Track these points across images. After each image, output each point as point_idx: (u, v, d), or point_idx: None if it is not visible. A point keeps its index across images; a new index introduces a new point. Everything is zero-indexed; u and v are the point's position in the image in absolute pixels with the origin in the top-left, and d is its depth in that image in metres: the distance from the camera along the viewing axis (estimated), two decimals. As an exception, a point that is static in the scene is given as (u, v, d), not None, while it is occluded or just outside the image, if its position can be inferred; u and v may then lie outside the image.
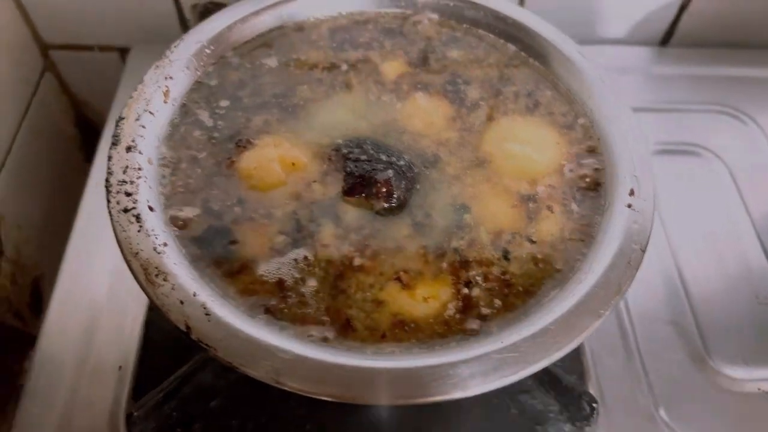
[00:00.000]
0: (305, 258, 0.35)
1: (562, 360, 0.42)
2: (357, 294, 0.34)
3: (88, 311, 0.49)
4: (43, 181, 0.70)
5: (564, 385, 0.43)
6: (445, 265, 0.35)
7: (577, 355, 0.46)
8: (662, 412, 0.44)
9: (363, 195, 0.36)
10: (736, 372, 0.46)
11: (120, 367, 0.46)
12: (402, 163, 0.38)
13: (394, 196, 0.36)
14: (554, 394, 0.42)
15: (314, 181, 0.38)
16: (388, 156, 0.38)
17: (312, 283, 0.34)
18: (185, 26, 0.67)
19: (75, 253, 0.53)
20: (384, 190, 0.36)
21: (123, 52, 0.70)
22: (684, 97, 0.64)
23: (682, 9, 0.68)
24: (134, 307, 0.49)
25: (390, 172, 0.37)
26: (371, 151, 0.38)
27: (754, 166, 0.58)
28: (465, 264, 0.35)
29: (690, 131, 0.62)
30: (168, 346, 0.46)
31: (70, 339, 0.48)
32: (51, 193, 0.71)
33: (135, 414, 0.41)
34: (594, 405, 0.42)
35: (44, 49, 0.69)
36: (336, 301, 0.33)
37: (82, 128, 0.79)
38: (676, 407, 0.45)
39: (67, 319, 0.49)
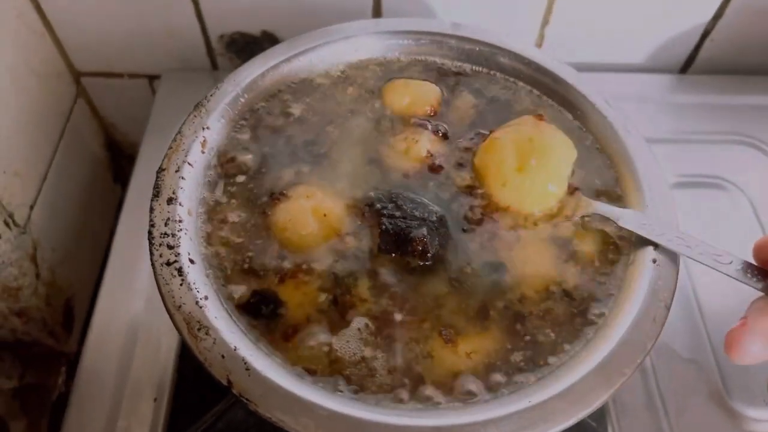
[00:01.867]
0: (366, 326, 0.36)
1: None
2: (407, 352, 0.35)
3: (124, 339, 0.51)
4: (74, 204, 0.72)
5: (583, 427, 0.44)
6: (483, 320, 0.36)
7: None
8: (682, 453, 0.45)
9: (399, 253, 0.38)
10: (757, 413, 0.47)
11: (155, 399, 0.48)
12: (434, 219, 0.39)
13: (429, 254, 0.38)
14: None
15: (347, 234, 0.39)
16: (421, 212, 0.39)
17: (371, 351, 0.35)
18: (212, 56, 0.69)
19: (111, 281, 0.55)
20: (420, 248, 0.37)
21: (151, 78, 0.72)
22: (704, 127, 0.65)
23: (705, 35, 0.68)
24: (169, 334, 0.51)
25: (424, 230, 0.38)
26: (404, 207, 0.39)
27: (774, 198, 0.59)
28: (500, 319, 0.36)
29: (710, 163, 0.62)
30: (201, 379, 0.48)
31: (107, 369, 0.49)
32: (82, 214, 0.74)
33: (172, 449, 0.43)
34: (614, 448, 0.43)
35: (77, 76, 0.72)
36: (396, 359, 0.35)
37: (110, 149, 0.81)
38: (696, 448, 0.46)
39: (105, 348, 0.51)
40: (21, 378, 0.68)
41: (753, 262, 0.34)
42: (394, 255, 0.38)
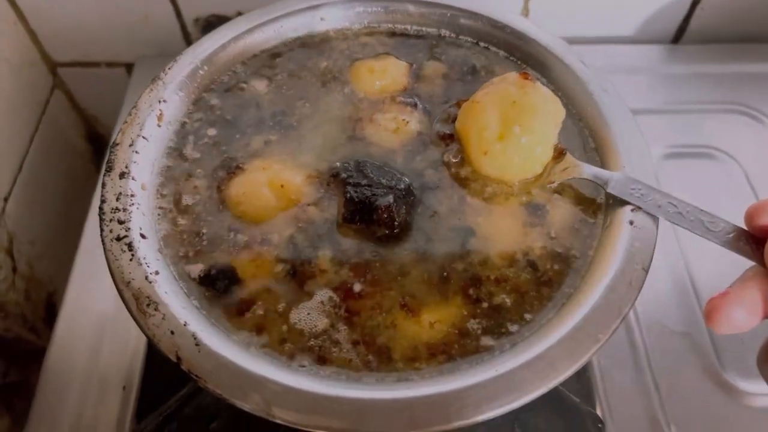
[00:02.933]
0: (330, 299, 0.34)
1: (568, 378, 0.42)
2: (368, 322, 0.33)
3: (93, 329, 0.50)
4: (54, 196, 0.71)
5: (569, 404, 0.42)
6: (447, 289, 0.34)
7: (584, 371, 0.45)
8: (674, 430, 0.43)
9: (363, 222, 0.36)
10: (753, 386, 0.45)
11: (124, 387, 0.46)
12: (402, 186, 0.37)
13: (396, 222, 0.36)
14: (559, 414, 0.41)
15: (309, 205, 0.37)
16: (388, 179, 0.37)
17: (330, 323, 0.33)
18: (188, 40, 0.68)
19: (82, 270, 0.54)
20: (385, 216, 0.35)
21: (129, 67, 0.71)
22: (697, 97, 0.63)
23: (695, 4, 0.66)
24: (138, 328, 0.49)
25: (390, 198, 0.36)
26: (371, 175, 0.37)
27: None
28: (466, 288, 0.34)
29: (703, 132, 0.60)
30: (171, 366, 0.46)
31: (76, 359, 0.48)
32: (63, 207, 0.72)
33: (138, 436, 0.42)
34: (600, 426, 0.41)
35: (53, 67, 0.70)
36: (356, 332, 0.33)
37: (94, 142, 0.80)
38: (689, 424, 0.43)
39: (74, 338, 0.49)
40: (4, 375, 0.67)
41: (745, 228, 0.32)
42: (359, 224, 0.36)
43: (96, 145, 0.80)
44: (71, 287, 0.52)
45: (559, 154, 0.38)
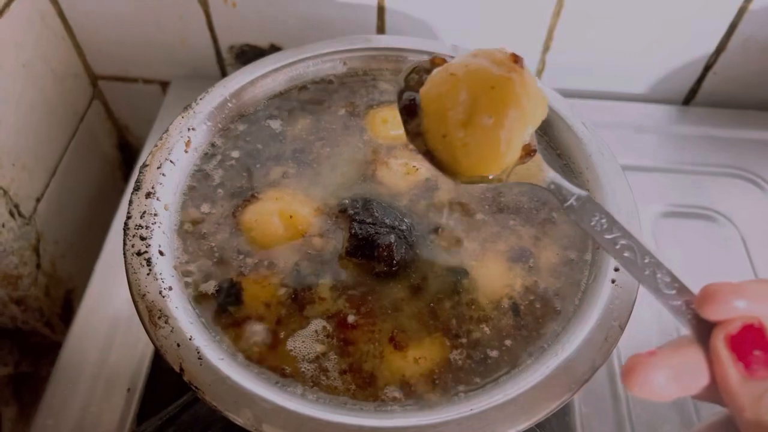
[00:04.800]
0: (324, 328, 0.36)
1: (548, 421, 0.44)
2: (357, 353, 0.36)
3: (107, 331, 0.53)
4: (81, 200, 0.75)
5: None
6: (434, 327, 0.37)
7: (564, 416, 0.46)
8: (647, 483, 0.44)
9: (365, 258, 0.38)
10: (728, 447, 0.46)
11: (128, 389, 0.49)
12: (404, 227, 0.40)
13: (395, 260, 0.38)
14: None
15: (315, 236, 0.40)
16: (392, 219, 0.40)
17: (322, 350, 0.36)
18: (222, 64, 0.72)
19: (102, 274, 0.57)
20: (385, 254, 0.38)
21: (164, 84, 0.75)
22: (702, 159, 0.64)
23: (708, 68, 0.68)
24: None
25: (392, 237, 0.39)
26: (376, 214, 0.40)
27: (766, 233, 0.58)
28: (452, 328, 0.37)
29: (705, 194, 0.62)
30: (173, 374, 0.49)
31: (88, 358, 0.51)
32: (88, 210, 0.76)
33: (137, 437, 0.44)
34: (574, 471, 0.43)
35: (94, 79, 0.75)
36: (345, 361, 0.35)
37: (123, 150, 0.84)
38: (663, 479, 0.45)
39: (88, 338, 0.52)
40: (16, 366, 0.70)
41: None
42: (360, 259, 0.39)
43: (125, 153, 0.84)
44: (90, 289, 0.55)
45: (527, 153, 0.33)
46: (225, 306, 0.37)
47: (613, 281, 0.37)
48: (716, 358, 0.26)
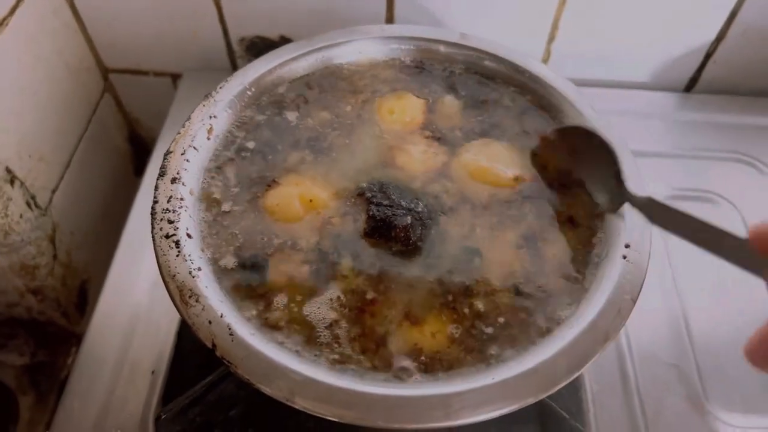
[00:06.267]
0: (338, 298, 0.38)
1: (561, 396, 0.46)
2: (379, 328, 0.37)
3: (128, 317, 0.54)
4: (95, 191, 0.76)
5: (558, 420, 0.45)
6: (450, 303, 0.38)
7: (576, 391, 0.48)
8: (656, 454, 0.46)
9: (382, 238, 0.40)
10: (734, 419, 0.48)
11: (153, 372, 0.50)
12: (420, 209, 0.41)
13: (411, 240, 0.40)
14: (548, 428, 0.45)
15: (332, 217, 0.42)
16: (408, 202, 0.41)
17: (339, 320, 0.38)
18: (232, 57, 0.73)
19: (121, 263, 0.58)
20: (402, 235, 0.40)
21: (175, 77, 0.76)
22: (704, 144, 0.66)
23: (708, 56, 0.69)
24: (169, 317, 0.53)
25: (408, 219, 0.40)
26: (393, 197, 0.41)
27: (766, 214, 0.60)
28: (468, 304, 0.38)
29: (707, 178, 0.63)
30: (197, 355, 0.51)
31: (111, 343, 0.52)
32: (102, 202, 0.78)
33: (163, 416, 0.46)
34: (586, 442, 0.45)
35: (105, 72, 0.76)
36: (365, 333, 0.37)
37: (134, 143, 0.85)
38: (671, 450, 0.46)
39: (110, 324, 0.54)
40: (33, 356, 0.72)
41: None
42: (378, 239, 0.40)
43: (135, 147, 0.85)
44: (110, 277, 0.57)
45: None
46: (251, 284, 0.38)
47: (624, 257, 0.38)
48: None
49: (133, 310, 0.55)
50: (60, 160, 0.68)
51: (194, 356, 0.51)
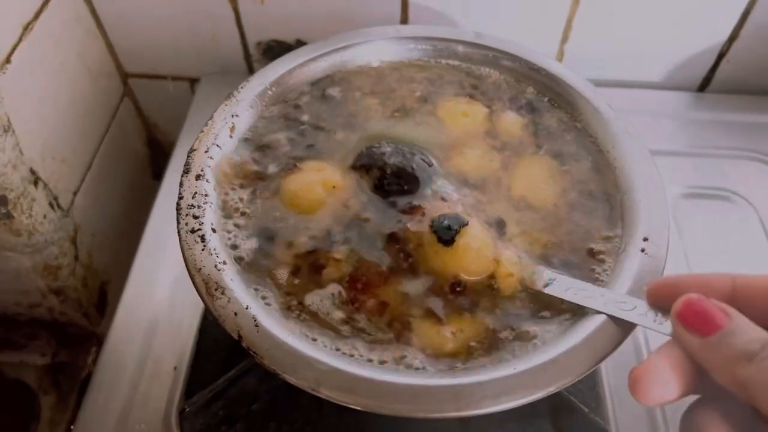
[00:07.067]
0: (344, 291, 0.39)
1: (579, 391, 0.46)
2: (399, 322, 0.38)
3: (150, 316, 0.55)
4: (115, 194, 0.78)
5: (578, 414, 0.45)
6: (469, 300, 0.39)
7: (594, 385, 0.48)
8: (675, 449, 0.46)
9: (363, 169, 0.43)
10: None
11: (175, 368, 0.51)
12: (406, 148, 0.44)
13: (387, 166, 0.42)
14: (567, 423, 0.45)
15: (353, 205, 0.43)
16: (397, 146, 0.44)
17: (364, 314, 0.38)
18: (249, 61, 0.74)
19: (142, 263, 0.59)
20: (380, 163, 0.42)
21: (192, 81, 0.77)
22: (718, 143, 0.66)
23: (721, 56, 0.70)
24: (190, 315, 0.54)
25: (389, 149, 0.43)
26: (386, 148, 0.44)
27: (784, 214, 0.60)
28: (489, 296, 0.39)
29: (723, 176, 0.63)
30: (218, 351, 0.51)
31: (133, 340, 0.53)
32: (121, 204, 0.79)
33: (187, 410, 0.47)
34: (605, 435, 0.45)
35: (124, 77, 0.78)
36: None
37: (152, 147, 0.87)
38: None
39: (132, 322, 0.55)
40: (54, 356, 0.73)
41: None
42: (360, 170, 0.43)
43: (154, 151, 0.87)
44: (131, 278, 0.57)
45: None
46: (274, 275, 0.39)
47: (642, 250, 0.39)
48: (677, 337, 0.29)
49: (154, 308, 0.55)
50: (81, 162, 0.70)
51: (215, 353, 0.52)
